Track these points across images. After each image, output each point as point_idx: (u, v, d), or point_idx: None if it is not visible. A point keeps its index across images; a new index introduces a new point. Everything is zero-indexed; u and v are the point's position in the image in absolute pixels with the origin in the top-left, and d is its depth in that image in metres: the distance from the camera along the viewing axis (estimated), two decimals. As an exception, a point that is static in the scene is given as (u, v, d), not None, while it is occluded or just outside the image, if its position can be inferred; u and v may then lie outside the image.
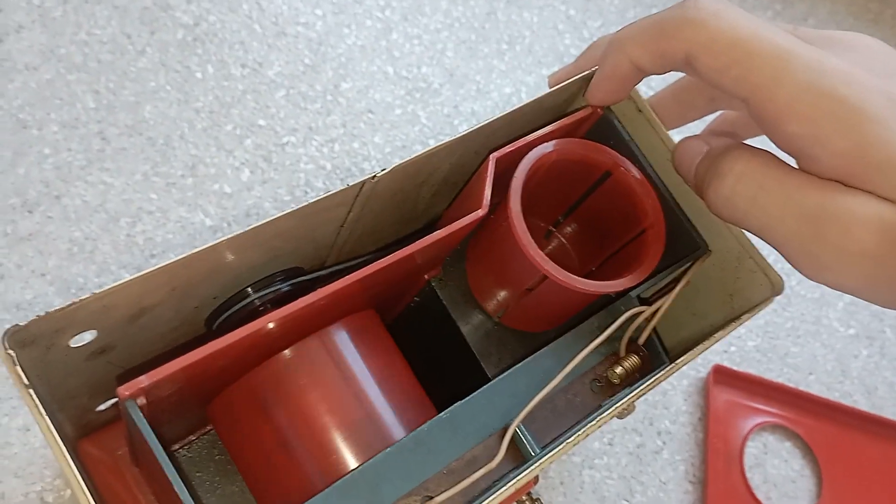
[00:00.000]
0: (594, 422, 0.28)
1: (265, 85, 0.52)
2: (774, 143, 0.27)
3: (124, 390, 0.24)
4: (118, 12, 0.50)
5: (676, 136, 0.34)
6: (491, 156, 0.31)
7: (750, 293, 0.34)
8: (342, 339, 0.30)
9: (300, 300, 0.27)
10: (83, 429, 0.37)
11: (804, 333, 0.57)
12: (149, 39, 0.50)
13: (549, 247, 0.38)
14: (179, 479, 0.23)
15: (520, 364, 0.30)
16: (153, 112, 0.49)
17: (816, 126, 0.25)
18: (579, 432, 0.28)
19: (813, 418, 0.53)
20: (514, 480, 0.26)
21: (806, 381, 0.55)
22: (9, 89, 0.46)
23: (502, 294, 0.35)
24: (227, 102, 0.50)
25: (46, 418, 0.23)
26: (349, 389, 0.29)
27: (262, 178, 0.49)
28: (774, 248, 0.27)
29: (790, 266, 0.27)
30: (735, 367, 0.53)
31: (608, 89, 0.32)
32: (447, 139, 0.30)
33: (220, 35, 0.52)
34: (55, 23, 0.49)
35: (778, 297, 0.56)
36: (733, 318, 0.32)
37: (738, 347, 0.55)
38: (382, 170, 0.29)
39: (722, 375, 0.52)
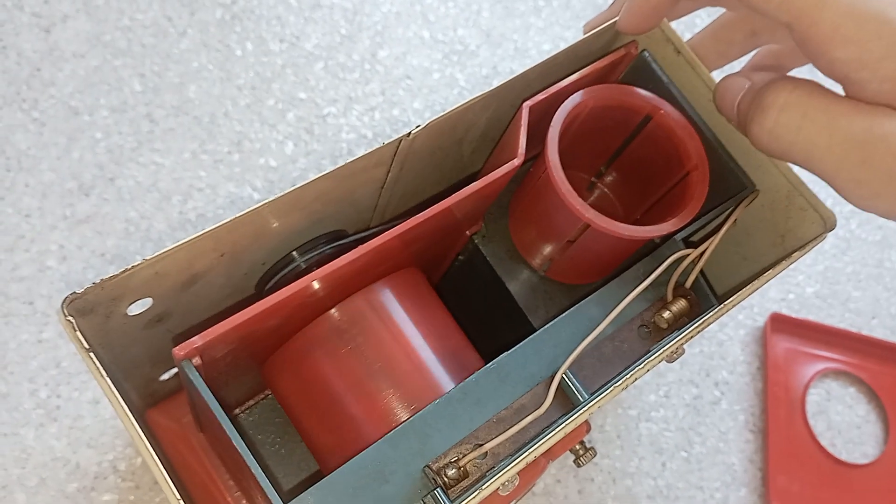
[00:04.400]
0: (642, 365, 0.28)
1: (303, 58, 0.52)
2: (820, 71, 0.26)
3: (179, 351, 0.25)
4: (158, -4, 0.51)
5: (718, 76, 0.33)
6: (524, 104, 0.31)
7: (802, 232, 0.33)
8: (386, 296, 0.31)
9: (342, 258, 0.27)
10: (150, 398, 0.38)
11: (866, 277, 0.55)
12: (189, 21, 0.51)
13: (592, 198, 0.38)
14: (234, 429, 0.24)
15: (565, 313, 0.30)
16: (197, 91, 0.50)
17: (863, 49, 0.24)
18: (627, 376, 0.27)
19: (877, 363, 0.51)
20: (563, 425, 0.26)
21: (869, 325, 0.53)
22: (59, 77, 0.48)
23: (546, 247, 0.34)
24: (268, 77, 0.51)
25: (108, 380, 0.24)
26: (396, 344, 0.30)
27: (306, 150, 0.50)
28: (823, 179, 0.26)
29: (850, 210, 0.26)
30: (794, 315, 0.51)
31: (642, 15, 0.31)
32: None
33: (256, 11, 0.53)
34: (99, 10, 0.50)
35: (838, 242, 0.55)
36: (785, 258, 0.31)
37: (796, 295, 0.53)
38: (417, 126, 0.29)
39: (780, 323, 0.51)
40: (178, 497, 0.24)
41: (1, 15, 0.48)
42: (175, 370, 0.36)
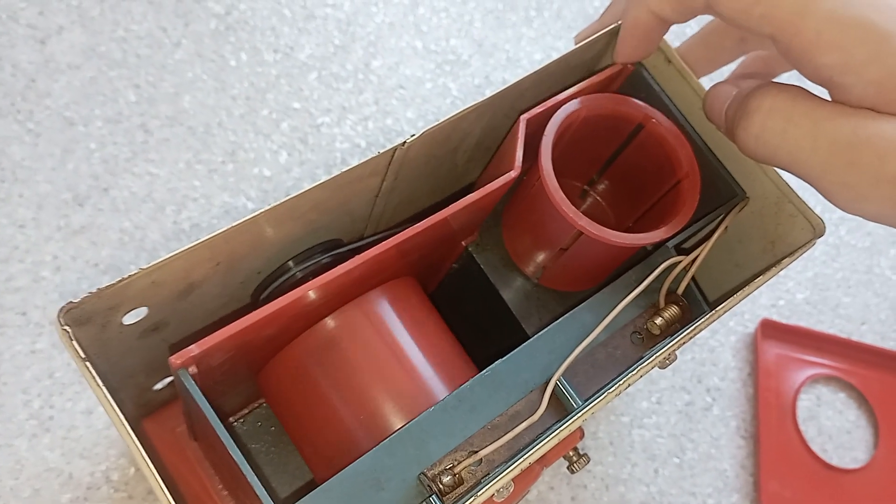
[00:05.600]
0: (635, 371, 0.28)
1: (297, 68, 0.52)
2: (806, 77, 0.27)
3: (176, 359, 0.25)
4: (153, 7, 0.51)
5: (708, 82, 0.34)
6: (521, 117, 0.31)
7: (792, 239, 0.34)
8: (381, 305, 0.31)
9: (337, 268, 0.27)
10: (144, 408, 0.38)
11: (855, 283, 0.55)
12: (184, 31, 0.51)
13: (585, 206, 0.38)
14: (231, 439, 0.24)
15: (559, 320, 0.31)
16: (192, 102, 0.50)
17: (847, 54, 0.24)
18: (620, 382, 0.28)
19: (867, 368, 0.52)
20: (557, 431, 0.26)
21: (859, 331, 0.54)
22: (54, 89, 0.48)
23: (540, 255, 0.35)
24: (262, 88, 0.51)
25: (104, 389, 0.25)
26: (390, 352, 0.30)
27: (300, 160, 0.50)
28: (809, 183, 0.26)
29: (840, 216, 0.27)
30: (784, 321, 0.52)
31: (634, 45, 0.32)
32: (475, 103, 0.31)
33: (251, 22, 0.53)
34: (94, 22, 0.50)
35: (827, 249, 0.55)
36: (775, 264, 0.32)
37: (786, 301, 0.54)
38: (412, 136, 0.30)
39: (771, 329, 0.51)
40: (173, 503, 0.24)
41: (-5, 26, 0.48)
42: (169, 380, 0.37)
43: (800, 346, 0.51)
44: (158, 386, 0.37)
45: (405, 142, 0.30)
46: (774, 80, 0.34)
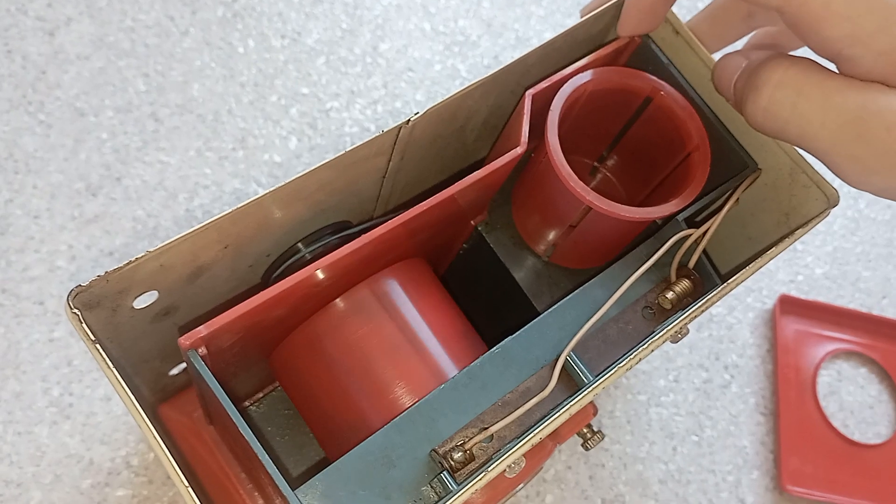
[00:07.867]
0: (646, 345, 0.28)
1: (305, 53, 0.52)
2: (814, 50, 0.26)
3: (185, 340, 0.25)
4: (159, -4, 0.51)
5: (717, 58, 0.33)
6: (527, 93, 0.31)
7: (806, 210, 0.33)
8: (391, 285, 0.31)
9: (345, 247, 0.27)
10: (161, 393, 0.39)
11: (875, 257, 0.55)
12: (191, 20, 0.51)
13: (595, 182, 0.38)
14: (238, 414, 0.24)
15: (569, 296, 0.30)
16: (201, 90, 0.50)
17: (856, 25, 0.24)
18: (632, 356, 0.27)
19: (889, 342, 0.51)
20: (568, 406, 0.26)
21: (880, 305, 0.53)
22: (64, 80, 0.48)
23: (549, 232, 0.34)
24: (270, 74, 0.51)
25: (115, 371, 0.25)
26: (400, 331, 0.30)
27: (310, 145, 0.50)
28: (817, 157, 0.26)
29: (852, 189, 0.26)
30: (803, 296, 0.51)
31: (638, 18, 0.31)
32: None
33: (258, 9, 0.53)
34: (102, 12, 0.50)
35: (846, 222, 0.54)
36: (788, 235, 0.31)
37: (805, 276, 0.53)
38: (416, 114, 0.30)
39: (789, 305, 0.51)
40: (188, 485, 0.24)
41: (6, 19, 0.49)
42: (184, 365, 0.37)
43: (819, 322, 0.51)
44: (174, 371, 0.37)
45: (409, 120, 0.29)
46: (783, 53, 0.34)
